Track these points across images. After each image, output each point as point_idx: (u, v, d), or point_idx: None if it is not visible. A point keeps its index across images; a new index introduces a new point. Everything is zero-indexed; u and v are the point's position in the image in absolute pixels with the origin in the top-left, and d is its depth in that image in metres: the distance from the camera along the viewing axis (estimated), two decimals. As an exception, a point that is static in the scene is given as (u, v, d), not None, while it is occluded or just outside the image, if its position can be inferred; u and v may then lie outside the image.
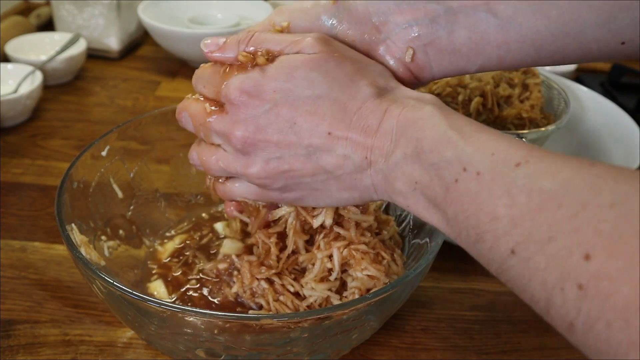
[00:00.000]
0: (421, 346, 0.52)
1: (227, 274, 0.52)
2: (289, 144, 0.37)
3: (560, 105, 0.70)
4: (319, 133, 0.36)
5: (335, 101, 0.36)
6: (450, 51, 0.40)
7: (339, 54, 0.38)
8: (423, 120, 0.34)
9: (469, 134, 0.32)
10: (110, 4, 0.99)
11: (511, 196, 0.27)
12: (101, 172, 0.55)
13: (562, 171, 0.26)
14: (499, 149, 0.30)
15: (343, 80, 0.37)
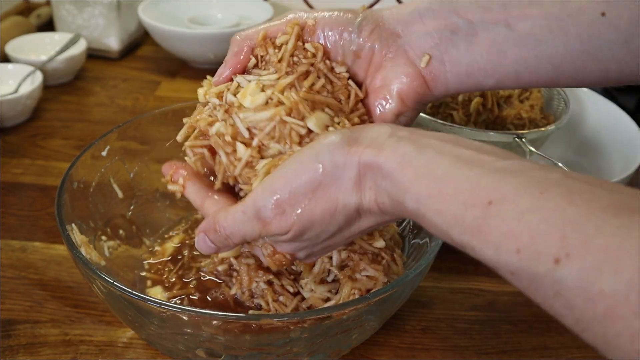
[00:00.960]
0: (421, 346, 0.52)
1: (226, 274, 0.52)
2: (325, 246, 0.39)
3: (560, 106, 0.70)
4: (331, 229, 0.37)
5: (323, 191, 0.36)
6: (467, 62, 0.40)
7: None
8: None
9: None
10: (110, 4, 0.99)
11: (565, 299, 0.24)
12: (101, 172, 0.55)
13: (623, 265, 0.22)
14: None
15: (327, 223, 0.36)
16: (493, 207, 0.27)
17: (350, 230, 0.37)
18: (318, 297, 0.47)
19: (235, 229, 0.38)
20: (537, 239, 0.25)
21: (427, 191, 0.30)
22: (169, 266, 0.55)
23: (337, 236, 0.38)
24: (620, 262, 0.22)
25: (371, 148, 0.33)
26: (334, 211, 0.35)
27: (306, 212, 0.35)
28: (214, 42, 0.96)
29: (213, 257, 0.53)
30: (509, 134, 0.61)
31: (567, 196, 0.25)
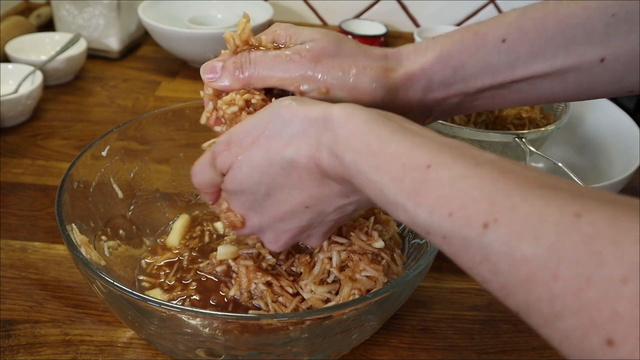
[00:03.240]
0: (421, 346, 0.52)
1: (226, 275, 0.52)
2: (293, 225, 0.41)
3: (560, 106, 0.70)
4: (300, 210, 0.39)
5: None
6: (468, 110, 0.44)
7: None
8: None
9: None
10: (110, 4, 0.99)
11: (491, 263, 0.25)
12: (101, 172, 0.55)
13: (544, 232, 0.23)
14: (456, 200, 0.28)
15: (263, 171, 0.37)
16: (431, 171, 0.28)
17: (291, 193, 0.37)
18: (318, 298, 0.47)
19: (197, 168, 0.42)
20: (468, 204, 0.26)
21: (367, 147, 0.31)
22: (167, 269, 0.55)
23: (278, 195, 0.38)
24: (540, 228, 0.23)
25: (320, 106, 0.35)
26: (270, 161, 0.36)
27: (247, 155, 0.37)
28: (214, 42, 0.96)
29: (212, 258, 0.53)
30: (509, 134, 0.61)
31: (500, 170, 0.27)
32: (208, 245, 0.57)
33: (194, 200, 0.64)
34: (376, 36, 1.09)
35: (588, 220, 0.22)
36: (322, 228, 0.42)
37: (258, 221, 0.41)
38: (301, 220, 0.40)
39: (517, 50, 0.39)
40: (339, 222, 0.42)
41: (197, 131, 0.62)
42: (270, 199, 0.39)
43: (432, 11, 1.21)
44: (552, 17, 0.39)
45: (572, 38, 0.38)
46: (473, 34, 0.40)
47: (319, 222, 0.41)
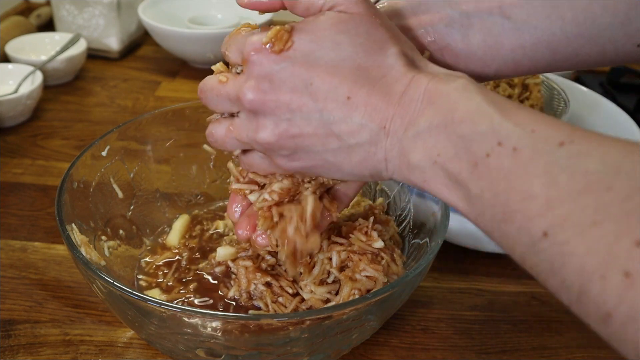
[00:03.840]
0: (421, 346, 0.52)
1: (225, 275, 0.52)
2: (301, 106, 0.34)
3: (560, 106, 0.70)
4: (336, 96, 0.34)
5: (359, 66, 0.34)
6: (465, 55, 0.40)
7: (374, 18, 0.35)
8: (456, 91, 0.31)
9: (508, 109, 0.29)
10: (110, 4, 0.99)
11: (551, 175, 0.25)
12: (101, 172, 0.55)
13: (610, 153, 0.24)
14: (540, 126, 0.28)
15: (372, 46, 0.34)
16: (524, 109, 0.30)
17: (333, 126, 0.34)
18: (318, 299, 0.47)
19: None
20: (554, 126, 0.28)
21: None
22: (166, 268, 0.55)
23: (314, 115, 0.34)
24: (607, 150, 0.25)
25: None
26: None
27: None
28: (214, 42, 0.96)
29: (211, 259, 0.53)
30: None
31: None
32: (208, 245, 0.57)
33: (194, 200, 0.64)
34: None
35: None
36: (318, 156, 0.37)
37: (272, 124, 0.36)
38: (307, 126, 0.35)
39: None
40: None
41: (197, 131, 0.62)
42: (301, 116, 0.35)
43: (432, 11, 1.20)
44: None
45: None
46: None
47: (324, 144, 0.36)
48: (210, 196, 0.65)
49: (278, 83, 0.34)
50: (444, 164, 0.31)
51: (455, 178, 0.30)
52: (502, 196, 0.27)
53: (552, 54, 0.38)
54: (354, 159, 0.35)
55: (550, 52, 0.38)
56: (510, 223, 0.27)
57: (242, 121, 0.37)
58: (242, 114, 0.37)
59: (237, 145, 0.39)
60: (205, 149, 0.63)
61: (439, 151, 0.31)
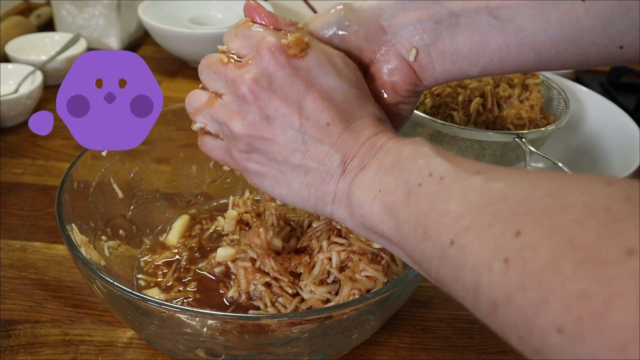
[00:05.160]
0: (421, 346, 0.52)
1: (225, 275, 0.52)
2: (286, 114, 0.36)
3: (560, 106, 0.70)
4: (319, 119, 0.36)
5: (347, 101, 0.37)
6: (452, 52, 0.40)
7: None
8: (411, 143, 0.35)
9: (449, 156, 0.33)
10: (110, 4, 0.99)
11: (465, 195, 0.28)
12: (101, 172, 0.55)
13: (513, 175, 0.28)
14: (467, 163, 0.31)
15: (362, 90, 0.39)
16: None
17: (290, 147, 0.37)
18: (318, 299, 0.47)
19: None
20: None
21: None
22: (165, 268, 0.55)
23: (293, 127, 0.36)
24: None
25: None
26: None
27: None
28: (214, 42, 0.96)
29: (211, 259, 0.53)
30: (509, 134, 0.61)
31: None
32: (208, 245, 0.57)
33: (194, 200, 0.64)
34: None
35: None
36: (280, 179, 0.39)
37: (230, 132, 0.38)
38: (282, 134, 0.37)
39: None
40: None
41: (197, 131, 0.62)
42: (264, 130, 0.37)
43: (432, 11, 1.21)
44: None
45: None
46: None
47: (285, 179, 0.38)
48: (210, 196, 0.65)
49: (276, 85, 0.37)
50: (383, 197, 0.34)
51: (389, 209, 0.33)
52: (423, 217, 0.30)
53: (536, 54, 0.39)
54: (307, 180, 0.37)
55: (535, 53, 0.39)
56: (427, 240, 0.30)
57: (225, 103, 0.39)
58: (229, 96, 0.38)
59: (205, 120, 0.41)
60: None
61: (381, 187, 0.34)
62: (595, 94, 0.80)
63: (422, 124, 0.64)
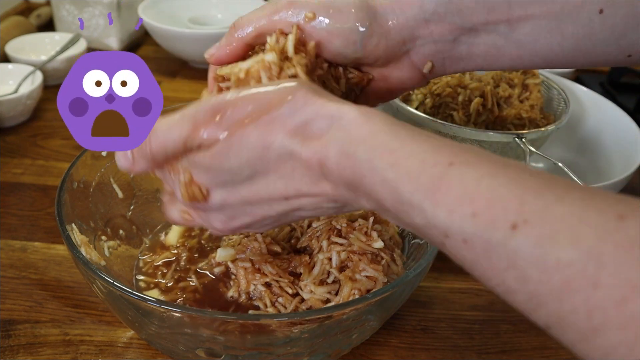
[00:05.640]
0: (421, 346, 0.52)
1: (224, 276, 0.52)
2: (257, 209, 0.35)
3: (560, 106, 0.70)
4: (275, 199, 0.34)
5: (265, 175, 0.33)
6: (466, 61, 0.41)
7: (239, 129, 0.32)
8: (361, 161, 0.29)
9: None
10: (110, 4, 0.99)
11: (519, 270, 0.23)
12: (101, 172, 0.55)
13: (582, 234, 0.21)
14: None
15: (256, 154, 0.32)
16: (454, 168, 0.25)
17: (277, 182, 0.33)
18: (318, 299, 0.47)
19: (160, 132, 0.34)
20: (495, 203, 0.23)
21: (385, 145, 0.28)
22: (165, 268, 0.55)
23: (260, 180, 0.33)
24: (578, 231, 0.20)
25: (338, 104, 0.31)
26: (268, 145, 0.31)
27: (241, 132, 0.32)
28: (214, 42, 0.96)
29: (211, 259, 0.53)
30: (509, 134, 0.61)
31: (529, 172, 0.24)
32: (207, 245, 0.57)
33: (194, 200, 0.64)
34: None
35: (634, 222, 0.19)
36: (282, 220, 0.37)
37: (222, 198, 0.35)
38: (271, 210, 0.35)
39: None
40: (302, 219, 0.39)
41: (197, 131, 0.62)
42: (249, 181, 0.34)
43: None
44: None
45: None
46: None
47: (286, 216, 0.36)
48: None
49: (226, 181, 0.35)
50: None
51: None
52: None
53: (545, 63, 0.40)
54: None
55: (545, 62, 0.40)
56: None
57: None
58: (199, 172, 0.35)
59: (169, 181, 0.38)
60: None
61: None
62: (595, 94, 0.80)
63: (422, 124, 0.63)
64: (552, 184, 0.23)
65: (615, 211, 0.20)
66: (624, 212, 0.20)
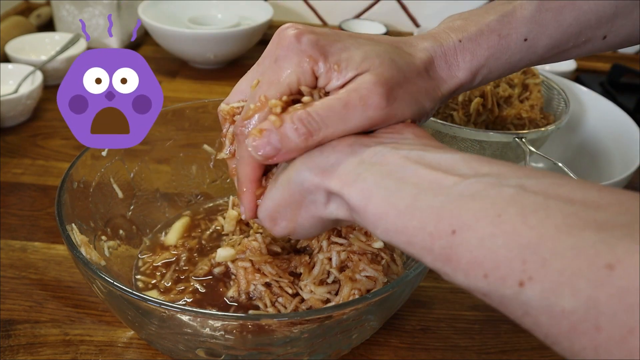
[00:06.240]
0: (421, 346, 0.52)
1: (224, 274, 0.52)
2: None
3: (560, 106, 0.70)
4: None
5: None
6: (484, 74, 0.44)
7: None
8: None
9: None
10: (110, 4, 0.99)
11: (532, 317, 0.26)
12: (101, 172, 0.55)
13: (579, 286, 0.24)
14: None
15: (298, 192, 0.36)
16: (457, 236, 0.28)
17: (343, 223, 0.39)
18: (318, 299, 0.47)
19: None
20: (500, 265, 0.26)
21: (394, 226, 0.31)
22: (164, 269, 0.55)
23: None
24: (576, 283, 0.23)
25: (335, 180, 0.33)
26: (322, 220, 0.37)
27: (298, 224, 0.37)
28: (214, 42, 0.96)
29: (211, 258, 0.53)
30: (509, 134, 0.61)
31: (522, 216, 0.26)
32: (208, 245, 0.57)
33: (194, 200, 0.64)
34: (376, 36, 1.09)
35: (620, 273, 0.22)
36: None
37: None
38: None
39: (536, 46, 0.41)
40: None
41: (197, 131, 0.62)
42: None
43: (432, 11, 1.21)
44: (568, 6, 0.40)
45: (585, 23, 0.40)
46: (497, 37, 0.41)
47: None
48: (210, 196, 0.65)
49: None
50: None
51: None
52: None
53: (540, 62, 0.44)
54: None
55: (541, 61, 0.44)
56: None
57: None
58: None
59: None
60: (205, 149, 0.63)
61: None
62: (595, 94, 0.80)
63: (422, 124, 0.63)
64: (546, 232, 0.25)
65: (604, 261, 0.22)
66: (611, 261, 0.22)
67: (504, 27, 0.41)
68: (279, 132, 0.34)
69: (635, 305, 0.21)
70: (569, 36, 0.41)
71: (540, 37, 0.41)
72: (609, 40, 0.42)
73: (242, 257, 0.50)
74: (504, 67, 0.42)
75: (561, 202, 0.26)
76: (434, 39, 0.41)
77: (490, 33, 0.41)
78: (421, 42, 0.41)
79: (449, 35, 0.41)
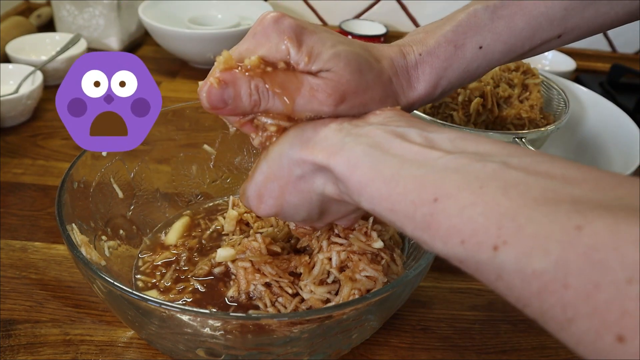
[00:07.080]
0: (421, 346, 0.52)
1: (224, 274, 0.52)
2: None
3: (560, 106, 0.70)
4: None
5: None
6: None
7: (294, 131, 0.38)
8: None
9: None
10: (110, 4, 0.99)
11: (505, 281, 0.26)
12: (101, 172, 0.55)
13: (550, 248, 0.24)
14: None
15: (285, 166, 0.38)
16: (438, 204, 0.29)
17: (340, 208, 0.41)
18: (318, 299, 0.47)
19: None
20: (478, 231, 0.27)
21: (378, 193, 0.32)
22: (164, 268, 0.55)
23: (332, 208, 0.41)
24: (547, 245, 0.24)
25: (322, 151, 0.35)
26: (309, 198, 0.38)
27: (285, 201, 0.39)
28: (214, 42, 0.96)
29: (211, 258, 0.53)
30: (508, 134, 0.62)
31: (503, 189, 0.27)
32: (208, 245, 0.57)
33: (194, 200, 0.64)
34: (376, 36, 1.09)
35: (589, 231, 0.23)
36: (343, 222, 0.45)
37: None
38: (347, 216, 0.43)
39: (492, 52, 0.43)
40: None
41: (197, 131, 0.62)
42: (326, 213, 0.41)
43: (432, 11, 1.21)
44: (519, 12, 0.42)
45: (536, 27, 0.42)
46: (454, 47, 0.42)
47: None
48: (210, 196, 0.65)
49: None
50: None
51: None
52: None
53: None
54: None
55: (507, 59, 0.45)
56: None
57: None
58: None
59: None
60: (205, 149, 0.63)
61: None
62: (595, 94, 0.80)
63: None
64: (524, 203, 0.26)
65: (574, 223, 0.24)
66: (580, 223, 0.23)
67: (459, 37, 0.42)
68: (235, 89, 0.37)
69: (601, 262, 0.22)
70: (523, 40, 0.42)
71: (494, 43, 0.42)
72: (565, 39, 0.43)
73: (242, 257, 0.50)
74: (463, 76, 0.43)
75: (541, 177, 0.27)
76: (400, 52, 0.43)
77: (447, 44, 0.42)
78: (388, 51, 0.42)
79: (412, 49, 0.43)
